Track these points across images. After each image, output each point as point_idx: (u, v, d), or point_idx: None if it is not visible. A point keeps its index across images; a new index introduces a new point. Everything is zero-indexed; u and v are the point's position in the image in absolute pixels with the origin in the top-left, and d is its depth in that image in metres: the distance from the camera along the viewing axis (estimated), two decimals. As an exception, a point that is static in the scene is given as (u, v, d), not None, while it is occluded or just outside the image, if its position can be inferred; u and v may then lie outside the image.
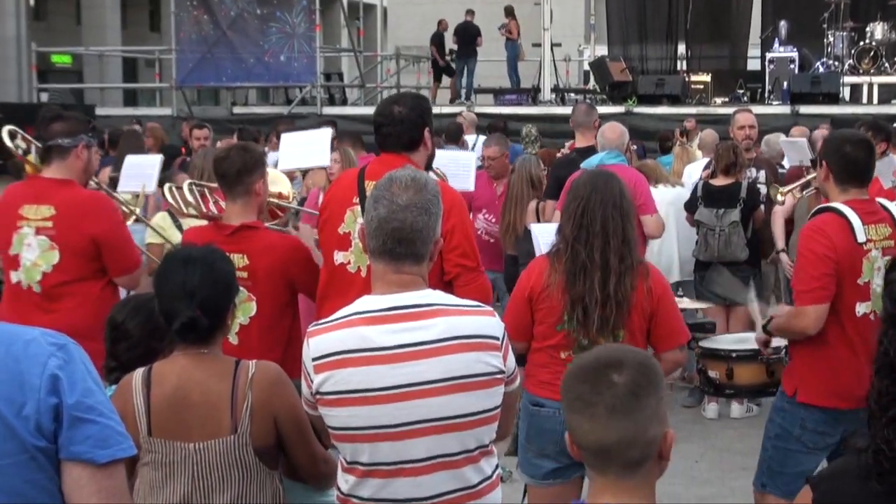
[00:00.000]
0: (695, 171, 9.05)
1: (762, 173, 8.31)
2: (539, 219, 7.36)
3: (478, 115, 16.09)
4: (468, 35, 21.71)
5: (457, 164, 6.78)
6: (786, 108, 17.39)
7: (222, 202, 4.82)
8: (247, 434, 3.04)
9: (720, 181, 7.86)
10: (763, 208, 7.89)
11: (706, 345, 5.39)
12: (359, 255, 4.36)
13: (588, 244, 4.20)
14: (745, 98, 18.69)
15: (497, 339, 2.92)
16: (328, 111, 19.46)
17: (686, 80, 19.51)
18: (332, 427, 2.92)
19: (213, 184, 4.97)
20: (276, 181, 5.37)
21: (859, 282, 4.33)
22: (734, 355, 5.16)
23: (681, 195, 8.36)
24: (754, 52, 21.71)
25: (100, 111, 19.81)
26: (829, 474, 2.55)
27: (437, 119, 5.16)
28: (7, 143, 5.43)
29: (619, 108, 17.97)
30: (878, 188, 5.86)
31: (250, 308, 4.37)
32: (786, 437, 4.52)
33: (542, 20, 20.76)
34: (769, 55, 19.24)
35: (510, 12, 22.16)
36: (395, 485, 2.89)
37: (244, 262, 4.32)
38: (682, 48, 21.58)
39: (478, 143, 12.13)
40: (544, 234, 5.09)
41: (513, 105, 20.12)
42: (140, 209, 6.32)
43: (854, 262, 4.32)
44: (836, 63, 18.79)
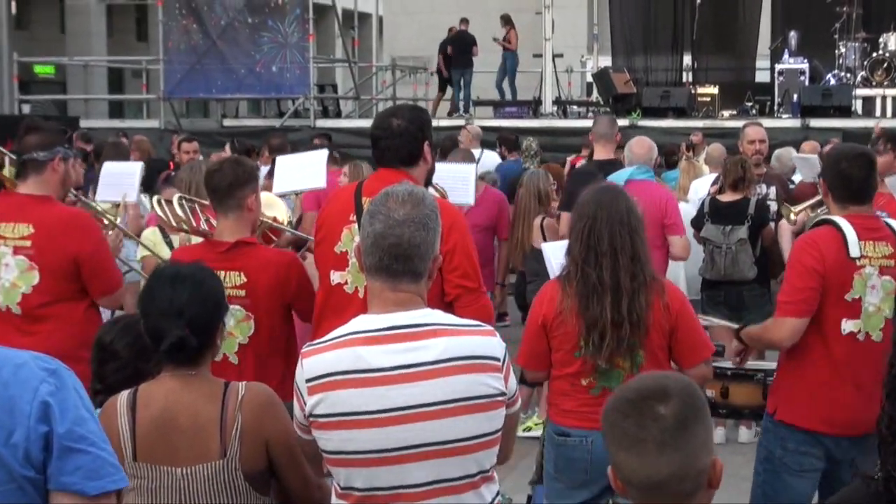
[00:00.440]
0: (701, 187, 9.01)
1: (772, 189, 8.20)
2: (545, 236, 7.41)
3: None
4: (464, 45, 21.11)
5: (455, 178, 6.60)
6: (796, 122, 17.34)
7: (213, 220, 4.76)
8: (236, 458, 3.00)
9: (728, 197, 7.71)
10: (773, 226, 7.80)
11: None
12: (356, 275, 4.30)
13: (597, 265, 4.18)
14: (754, 111, 18.71)
15: (498, 360, 2.88)
16: (322, 124, 19.17)
17: (692, 92, 19.52)
18: (326, 451, 2.88)
19: (203, 200, 4.92)
20: (273, 205, 5.34)
21: (847, 297, 4.31)
22: (729, 373, 5.07)
23: (687, 211, 8.15)
24: (763, 63, 21.71)
25: (84, 123, 19.30)
26: (838, 503, 2.51)
27: (435, 132, 4.99)
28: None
29: (623, 122, 17.55)
30: (885, 201, 5.91)
31: (248, 327, 4.35)
32: (771, 460, 4.54)
33: (544, 30, 20.33)
34: (778, 67, 19.22)
35: (508, 21, 21.58)
36: None
37: (241, 279, 4.31)
38: (688, 59, 21.41)
39: (482, 157, 12.09)
40: (556, 254, 5.02)
41: (513, 118, 19.82)
42: (120, 220, 6.19)
43: (843, 276, 4.31)
44: (848, 75, 18.70)
